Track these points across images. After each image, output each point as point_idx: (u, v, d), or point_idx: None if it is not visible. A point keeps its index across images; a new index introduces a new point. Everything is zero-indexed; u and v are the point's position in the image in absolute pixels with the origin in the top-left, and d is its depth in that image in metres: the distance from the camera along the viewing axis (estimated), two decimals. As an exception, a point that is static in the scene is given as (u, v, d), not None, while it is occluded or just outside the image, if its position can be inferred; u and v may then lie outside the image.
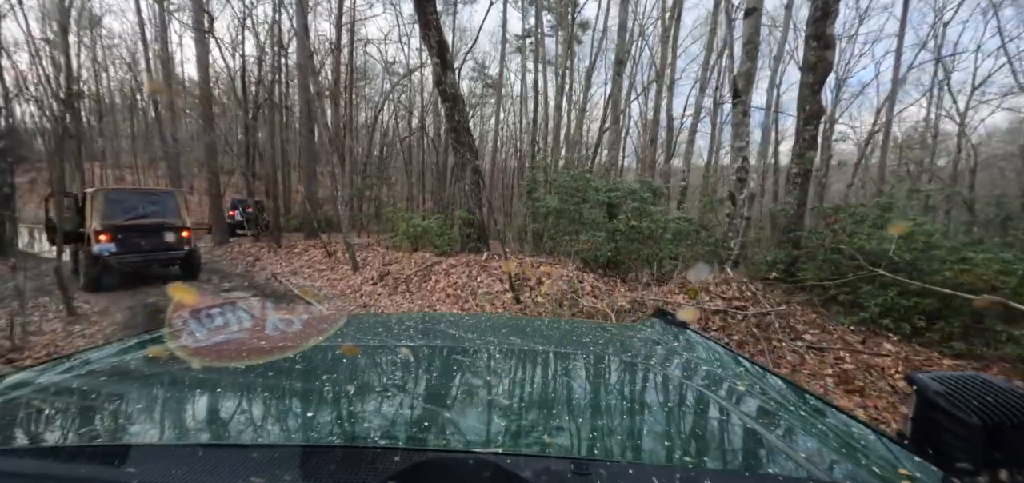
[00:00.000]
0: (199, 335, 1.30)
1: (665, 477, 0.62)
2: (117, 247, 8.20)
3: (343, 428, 0.82)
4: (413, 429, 0.82)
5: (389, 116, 35.99)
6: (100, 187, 9.27)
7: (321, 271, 9.22)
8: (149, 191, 9.29)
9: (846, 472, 0.74)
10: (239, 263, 11.14)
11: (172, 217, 8.99)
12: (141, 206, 8.73)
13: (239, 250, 12.70)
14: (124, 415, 0.85)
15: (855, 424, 0.90)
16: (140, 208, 8.69)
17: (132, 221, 8.44)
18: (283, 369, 1.07)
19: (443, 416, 0.87)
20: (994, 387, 0.69)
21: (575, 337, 1.47)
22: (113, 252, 8.14)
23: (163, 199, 9.08)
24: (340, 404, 0.92)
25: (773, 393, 1.07)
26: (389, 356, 1.22)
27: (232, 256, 12.10)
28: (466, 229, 10.58)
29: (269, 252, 11.49)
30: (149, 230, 8.60)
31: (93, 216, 8.25)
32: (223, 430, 0.82)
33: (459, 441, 0.78)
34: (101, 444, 0.74)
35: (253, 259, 11.01)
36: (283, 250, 11.45)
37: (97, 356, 1.14)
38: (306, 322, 1.47)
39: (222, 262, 11.61)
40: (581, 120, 20.85)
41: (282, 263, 10.41)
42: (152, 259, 8.63)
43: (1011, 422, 0.62)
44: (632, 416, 0.93)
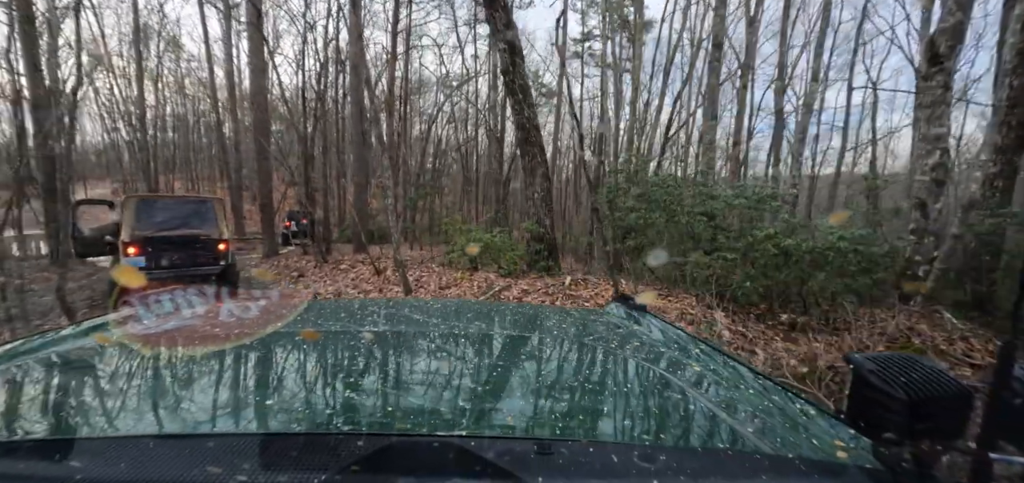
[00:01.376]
0: (148, 321, 1.23)
1: (623, 454, 0.64)
2: (146, 261, 7.29)
3: (305, 414, 0.79)
4: (377, 414, 0.81)
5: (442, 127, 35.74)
6: (132, 194, 8.46)
7: (367, 293, 7.90)
8: (185, 199, 8.39)
9: (789, 444, 0.79)
10: (282, 278, 10.11)
11: (208, 228, 7.99)
12: (175, 216, 7.81)
13: (286, 263, 11.80)
14: (66, 407, 0.81)
15: (799, 401, 0.95)
16: (174, 218, 7.77)
17: (164, 232, 7.52)
18: (241, 355, 1.04)
19: (407, 400, 0.86)
20: (919, 364, 0.72)
21: (538, 321, 1.50)
22: (142, 267, 7.21)
23: (199, 208, 8.14)
24: (301, 390, 0.90)
25: (727, 373, 1.10)
26: (352, 341, 1.18)
27: (277, 270, 11.16)
28: (534, 245, 8.93)
29: (315, 267, 10.41)
30: (182, 242, 7.64)
31: (123, 226, 7.41)
32: (176, 420, 0.77)
33: (423, 425, 0.77)
34: (40, 439, 0.69)
35: (297, 274, 9.94)
36: (329, 265, 10.32)
37: (34, 345, 1.05)
38: (264, 307, 1.39)
39: (266, 277, 10.66)
40: (651, 124, 18.86)
41: (327, 280, 9.22)
42: (184, 274, 7.63)
43: (932, 396, 0.65)
44: (593, 397, 0.96)
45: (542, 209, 9.05)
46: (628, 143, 14.69)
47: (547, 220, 9.12)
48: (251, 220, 25.35)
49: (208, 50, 25.41)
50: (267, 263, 12.23)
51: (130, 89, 25.49)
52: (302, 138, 12.75)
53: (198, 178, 35.69)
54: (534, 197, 9.02)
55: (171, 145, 35.49)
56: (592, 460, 0.63)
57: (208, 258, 7.84)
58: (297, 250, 14.86)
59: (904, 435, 0.66)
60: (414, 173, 27.03)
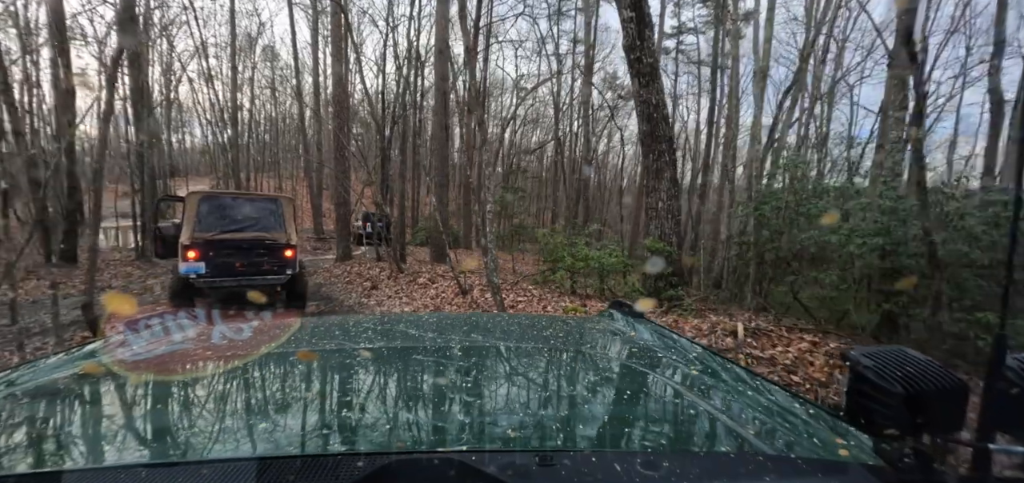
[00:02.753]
0: (137, 347, 1.18)
1: (626, 462, 0.63)
2: (207, 267, 6.30)
3: (302, 437, 0.77)
4: (375, 433, 0.79)
5: (517, 130, 34.82)
6: (195, 190, 7.69)
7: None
8: (252, 196, 7.53)
9: (790, 444, 0.78)
10: (354, 288, 9.00)
11: (275, 230, 6.92)
12: (241, 216, 6.81)
13: (358, 269, 10.79)
14: (56, 438, 0.77)
15: (798, 401, 0.94)
16: (239, 219, 6.78)
17: (227, 235, 6.53)
18: (235, 378, 1.01)
19: (406, 417, 0.85)
20: (915, 359, 0.72)
21: (536, 331, 1.47)
22: (201, 274, 6.26)
23: (268, 207, 7.09)
24: (298, 412, 0.87)
25: (725, 376, 1.09)
26: (348, 360, 1.14)
27: (349, 278, 10.13)
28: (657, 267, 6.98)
29: (390, 277, 9.21)
30: (247, 247, 6.61)
31: (184, 225, 6.49)
32: (168, 448, 0.75)
33: (423, 441, 0.76)
34: (27, 472, 0.66)
35: (371, 285, 8.77)
36: (405, 276, 9.05)
37: (22, 374, 1.01)
38: (257, 329, 1.35)
39: (336, 285, 9.64)
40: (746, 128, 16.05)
41: (402, 296, 7.89)
42: (247, 284, 6.59)
43: (929, 389, 0.65)
44: (593, 406, 0.94)
45: (668, 222, 7.09)
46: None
47: (673, 236, 7.15)
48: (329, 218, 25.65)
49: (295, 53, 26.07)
50: (340, 268, 11.31)
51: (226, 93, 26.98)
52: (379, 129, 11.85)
53: (283, 177, 37.21)
54: (657, 206, 7.10)
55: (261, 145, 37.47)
56: (594, 469, 0.62)
57: (273, 266, 6.75)
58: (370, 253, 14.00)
59: (904, 430, 0.66)
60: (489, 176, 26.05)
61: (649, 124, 6.93)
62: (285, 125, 39.63)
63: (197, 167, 40.40)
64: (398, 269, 9.35)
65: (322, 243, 21.06)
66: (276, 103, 38.04)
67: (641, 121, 7.01)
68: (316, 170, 26.60)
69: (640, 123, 7.09)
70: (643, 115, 6.97)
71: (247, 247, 6.57)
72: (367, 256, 13.85)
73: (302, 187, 34.34)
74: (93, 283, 4.58)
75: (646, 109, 6.89)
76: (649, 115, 6.90)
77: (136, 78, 12.52)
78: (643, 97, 6.88)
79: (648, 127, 6.95)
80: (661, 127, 6.97)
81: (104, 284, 9.20)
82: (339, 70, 12.85)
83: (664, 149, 7.02)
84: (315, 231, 24.95)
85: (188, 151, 41.99)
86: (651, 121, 6.92)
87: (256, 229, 6.76)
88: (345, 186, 12.44)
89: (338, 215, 13.06)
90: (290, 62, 28.93)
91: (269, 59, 34.96)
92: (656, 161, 7.03)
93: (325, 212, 26.03)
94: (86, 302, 4.30)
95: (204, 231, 6.38)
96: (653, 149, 7.00)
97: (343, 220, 12.89)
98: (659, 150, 6.99)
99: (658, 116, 6.92)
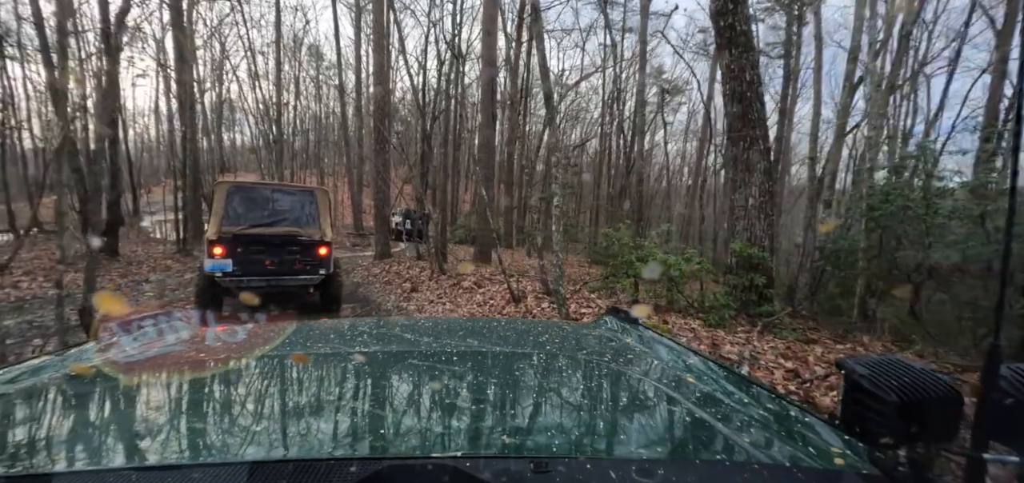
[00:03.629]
0: (129, 348, 1.15)
1: (621, 469, 0.63)
2: (234, 265, 5.68)
3: (294, 441, 0.75)
4: (369, 437, 0.78)
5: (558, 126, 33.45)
6: (224, 180, 7.15)
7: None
8: (285, 187, 6.72)
9: (785, 454, 0.78)
10: (393, 290, 8.30)
11: (310, 225, 6.26)
12: (273, 209, 6.17)
13: (397, 268, 10.13)
14: (44, 440, 0.75)
15: (793, 409, 0.95)
16: (271, 212, 6.14)
17: (257, 229, 5.90)
18: (227, 381, 1.00)
19: (400, 422, 0.84)
20: (910, 368, 0.71)
21: (532, 337, 1.46)
22: (228, 272, 5.65)
23: (302, 200, 6.45)
24: (290, 416, 0.86)
25: (721, 383, 1.09)
26: (342, 363, 1.15)
27: (387, 277, 9.46)
28: (745, 277, 5.85)
29: (431, 278, 8.45)
30: (277, 243, 5.95)
31: (211, 218, 5.94)
32: (159, 450, 0.73)
33: (417, 447, 0.75)
34: (16, 475, 0.64)
35: (410, 287, 8.03)
36: (447, 278, 8.25)
37: (9, 375, 0.99)
38: (251, 331, 1.34)
39: (374, 285, 8.97)
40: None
41: (445, 300, 7.09)
42: (277, 284, 5.99)
43: (924, 398, 0.65)
44: (589, 412, 0.95)
45: (759, 223, 5.95)
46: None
47: (766, 239, 5.99)
48: (369, 215, 25.59)
49: (338, 50, 26.06)
50: (378, 267, 10.69)
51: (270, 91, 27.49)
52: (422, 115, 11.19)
53: (325, 173, 37.69)
54: (746, 203, 5.96)
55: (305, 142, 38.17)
56: (590, 477, 0.62)
57: (306, 265, 6.07)
58: (410, 250, 13.39)
59: (899, 439, 0.66)
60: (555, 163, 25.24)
61: (741, 104, 5.81)
62: (328, 122, 40.22)
63: (246, 164, 41.67)
64: (440, 270, 8.57)
65: (361, 239, 20.82)
66: (320, 100, 38.69)
67: (730, 101, 5.89)
68: (356, 166, 26.56)
69: (729, 104, 5.96)
70: (733, 94, 5.85)
71: (278, 243, 5.92)
72: (406, 254, 13.25)
73: (343, 183, 34.73)
74: (92, 284, 3.97)
75: (738, 86, 5.77)
76: (741, 93, 5.78)
77: (181, 72, 12.38)
78: (734, 71, 5.76)
79: (739, 108, 5.83)
80: (754, 108, 5.84)
81: (141, 278, 8.92)
82: (380, 60, 12.30)
83: (758, 135, 5.88)
84: (355, 227, 24.92)
85: (238, 149, 43.50)
86: (743, 101, 5.80)
87: (289, 224, 6.12)
88: (384, 179, 11.84)
89: (377, 211, 12.51)
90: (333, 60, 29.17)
91: (313, 57, 35.60)
92: (747, 149, 5.89)
93: (365, 208, 26.00)
94: (83, 306, 3.70)
95: (232, 225, 5.78)
96: (744, 135, 5.87)
97: (382, 216, 12.33)
98: (751, 136, 5.85)
99: (752, 95, 5.79)
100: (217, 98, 27.03)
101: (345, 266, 11.27)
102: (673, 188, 36.56)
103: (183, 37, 11.57)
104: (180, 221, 12.47)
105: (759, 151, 5.90)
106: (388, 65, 12.77)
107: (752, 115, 5.81)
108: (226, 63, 25.39)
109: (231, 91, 35.47)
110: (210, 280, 5.66)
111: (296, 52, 32.05)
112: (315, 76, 36.28)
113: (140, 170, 36.72)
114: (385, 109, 11.98)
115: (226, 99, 31.82)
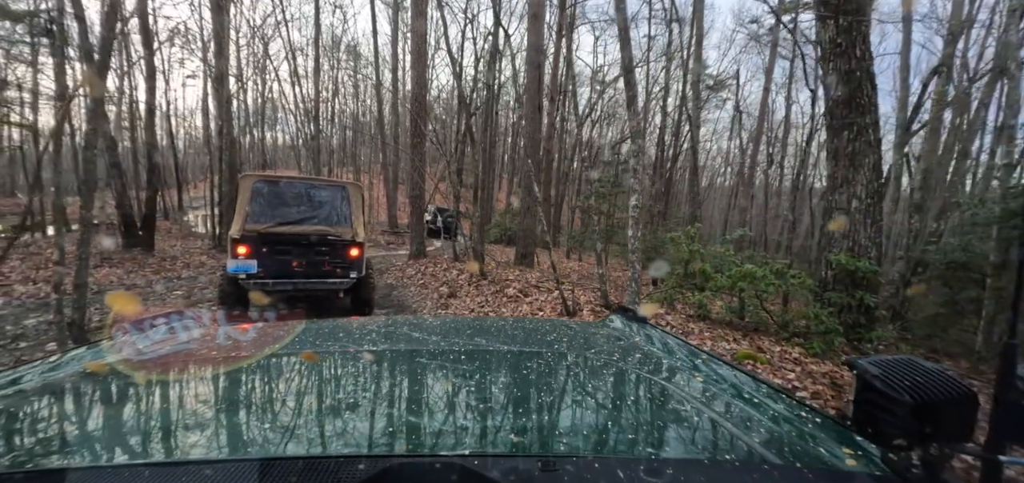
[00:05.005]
0: (143, 347, 1.16)
1: (629, 469, 0.62)
2: (258, 266, 5.16)
3: (304, 438, 0.76)
4: (377, 435, 0.78)
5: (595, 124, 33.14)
6: (249, 173, 6.74)
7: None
8: (315, 182, 6.16)
9: (796, 454, 0.77)
10: (429, 294, 7.68)
11: (341, 224, 5.70)
12: (302, 206, 5.65)
13: (433, 270, 9.53)
14: (59, 437, 0.76)
15: (804, 409, 0.93)
16: (299, 209, 5.62)
17: (284, 228, 5.37)
18: (238, 379, 1.01)
19: (408, 420, 0.84)
20: (923, 368, 0.71)
21: (539, 336, 1.45)
22: (252, 274, 5.14)
23: (332, 196, 5.90)
24: (300, 413, 0.86)
25: (730, 382, 1.08)
26: (351, 362, 1.15)
27: (423, 279, 8.87)
28: (850, 295, 4.86)
29: (470, 283, 7.77)
30: (305, 243, 5.41)
31: (236, 215, 5.44)
32: (172, 447, 0.75)
33: (425, 445, 0.75)
34: (32, 470, 0.64)
35: (448, 292, 7.39)
36: (489, 283, 7.55)
37: (26, 373, 1.01)
38: (261, 330, 1.36)
39: (409, 288, 8.39)
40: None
41: (489, 309, 6.39)
42: (304, 287, 5.45)
43: (938, 399, 0.64)
44: (596, 411, 0.94)
45: (865, 229, 4.94)
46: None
47: (873, 249, 4.98)
48: (403, 212, 25.40)
49: (376, 48, 25.94)
50: (413, 267, 10.13)
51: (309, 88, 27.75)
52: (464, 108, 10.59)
53: (361, 170, 37.94)
54: (849, 205, 4.97)
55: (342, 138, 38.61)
56: (598, 476, 0.61)
57: (336, 267, 5.52)
58: (445, 248, 12.83)
59: (913, 440, 0.64)
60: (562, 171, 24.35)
61: (847, 86, 4.82)
62: (365, 120, 40.56)
63: (285, 160, 42.58)
64: (481, 274, 7.89)
65: (396, 237, 20.51)
66: (357, 98, 39.09)
67: (837, 84, 4.89)
68: (392, 162, 26.40)
69: (834, 87, 4.96)
70: (838, 74, 4.86)
71: (307, 244, 5.39)
72: (442, 254, 12.67)
73: (378, 181, 34.84)
74: (85, 290, 3.45)
75: (845, 64, 4.79)
76: (848, 73, 4.79)
77: (219, 63, 12.23)
78: (841, 46, 4.78)
79: (845, 91, 4.84)
80: (864, 91, 4.83)
81: (174, 275, 8.67)
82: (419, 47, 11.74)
83: (867, 125, 4.87)
84: (389, 224, 24.78)
85: (279, 147, 44.53)
86: (850, 81, 4.80)
87: (318, 222, 5.58)
88: (420, 172, 11.28)
89: (413, 208, 11.98)
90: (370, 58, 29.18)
91: (351, 56, 35.96)
92: (853, 140, 4.90)
93: (399, 205, 25.85)
94: (71, 320, 3.17)
95: (256, 223, 5.27)
96: (850, 123, 4.88)
97: (418, 214, 11.79)
98: (859, 125, 4.86)
99: (863, 75, 4.80)
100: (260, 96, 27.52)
101: (379, 266, 10.77)
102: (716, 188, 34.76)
103: (220, 25, 11.44)
104: (215, 216, 12.34)
105: (867, 142, 4.89)
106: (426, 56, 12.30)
107: (862, 99, 4.81)
108: (268, 62, 25.76)
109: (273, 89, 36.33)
110: (233, 282, 5.18)
111: (334, 50, 32.39)
112: (353, 74, 36.65)
113: (188, 166, 38.14)
114: (423, 101, 11.41)
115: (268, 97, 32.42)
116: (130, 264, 8.88)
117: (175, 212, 20.19)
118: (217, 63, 12.83)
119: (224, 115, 11.43)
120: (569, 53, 20.63)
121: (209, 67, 22.17)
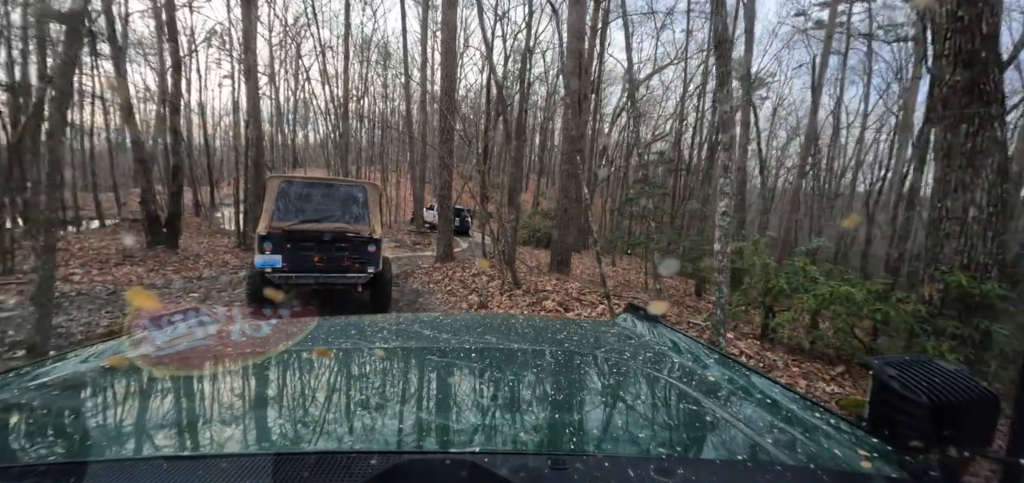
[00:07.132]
0: (161, 343, 1.19)
1: (640, 468, 0.62)
2: (283, 261, 5.43)
3: (316, 433, 0.77)
4: (389, 432, 0.78)
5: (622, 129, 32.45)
6: (276, 175, 7.11)
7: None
8: (335, 182, 6.38)
9: (810, 455, 0.74)
10: (457, 303, 7.14)
11: (359, 221, 5.89)
12: (322, 205, 5.89)
13: (461, 275, 8.99)
14: (80, 430, 0.78)
15: (818, 410, 0.91)
16: (320, 207, 5.86)
17: (306, 225, 5.61)
18: (252, 374, 1.03)
19: (419, 417, 0.84)
20: (942, 369, 0.68)
21: (550, 334, 1.45)
22: (277, 268, 5.42)
23: (351, 195, 6.10)
24: (313, 409, 0.87)
25: (743, 382, 1.06)
26: (363, 358, 1.15)
27: (450, 285, 8.32)
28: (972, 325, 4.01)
29: (502, 291, 7.15)
30: (326, 239, 5.62)
31: (262, 214, 5.75)
32: (188, 441, 0.75)
33: (436, 442, 0.75)
34: (54, 462, 0.64)
35: (478, 302, 6.83)
36: (523, 294, 6.91)
37: (48, 368, 1.03)
38: (275, 327, 1.36)
39: (435, 295, 7.86)
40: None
41: (522, 323, 5.71)
42: (325, 281, 5.67)
43: (957, 401, 0.61)
44: (607, 410, 0.93)
45: (983, 243, 4.08)
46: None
47: (995, 267, 4.10)
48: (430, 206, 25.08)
49: (405, 48, 25.70)
50: (440, 271, 9.59)
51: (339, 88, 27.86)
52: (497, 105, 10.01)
53: (388, 169, 37.99)
54: (965, 214, 4.12)
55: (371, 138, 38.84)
56: (607, 475, 0.60)
57: (355, 262, 5.69)
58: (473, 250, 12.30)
59: (930, 443, 0.62)
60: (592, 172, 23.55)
61: (969, 70, 3.97)
62: (394, 120, 40.64)
63: (315, 159, 43.11)
64: (514, 283, 7.26)
65: (422, 237, 20.13)
66: (386, 98, 39.29)
67: (954, 67, 4.04)
68: (420, 162, 26.16)
69: (946, 72, 4.11)
70: (957, 56, 4.02)
71: (327, 240, 5.62)
72: (471, 256, 12.12)
73: (405, 180, 34.78)
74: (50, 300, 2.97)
75: (967, 42, 3.95)
76: (971, 55, 3.95)
77: (247, 60, 12.03)
78: (963, 21, 3.94)
79: (966, 76, 3.99)
80: (990, 75, 3.98)
81: (195, 274, 8.39)
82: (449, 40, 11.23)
83: (993, 116, 4.02)
84: (416, 224, 24.52)
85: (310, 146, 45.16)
86: (973, 64, 3.96)
87: (338, 220, 5.81)
88: (449, 169, 10.80)
89: (441, 208, 11.47)
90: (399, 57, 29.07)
91: (381, 56, 36.12)
92: (973, 135, 4.05)
93: (426, 205, 25.59)
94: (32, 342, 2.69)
95: (282, 220, 5.54)
96: (971, 115, 4.03)
97: (445, 214, 11.27)
98: (981, 118, 4.00)
99: (989, 55, 3.95)
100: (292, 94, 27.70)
101: (404, 268, 10.31)
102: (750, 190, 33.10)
103: (248, 19, 11.25)
104: (240, 214, 12.14)
105: (992, 138, 4.03)
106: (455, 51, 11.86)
107: (987, 85, 3.96)
108: (299, 63, 25.89)
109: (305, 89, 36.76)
110: (260, 276, 5.47)
111: (364, 50, 32.49)
112: (382, 74, 36.81)
113: (221, 164, 39.01)
114: (452, 96, 10.90)
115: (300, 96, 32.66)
116: (152, 262, 8.67)
117: (207, 209, 20.37)
118: (245, 57, 12.68)
119: (251, 111, 11.18)
120: (602, 50, 19.81)
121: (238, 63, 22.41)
